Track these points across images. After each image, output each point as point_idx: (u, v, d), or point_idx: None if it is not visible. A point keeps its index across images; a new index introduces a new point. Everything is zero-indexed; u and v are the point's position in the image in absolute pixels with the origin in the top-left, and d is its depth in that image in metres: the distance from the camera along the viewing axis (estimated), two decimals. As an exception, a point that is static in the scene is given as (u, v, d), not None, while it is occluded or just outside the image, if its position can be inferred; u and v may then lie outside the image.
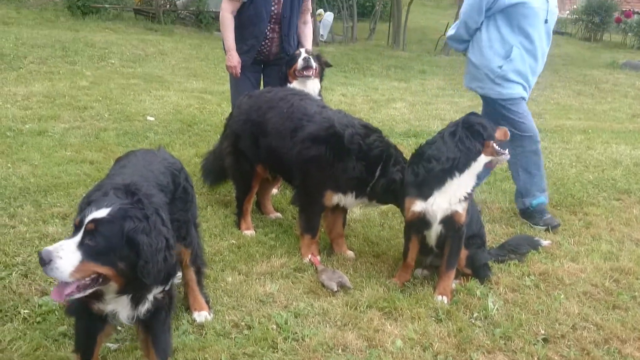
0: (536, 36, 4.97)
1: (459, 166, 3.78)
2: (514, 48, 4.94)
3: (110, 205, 2.35)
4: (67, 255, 2.26)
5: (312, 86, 5.39)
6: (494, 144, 3.87)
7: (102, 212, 2.33)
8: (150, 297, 2.57)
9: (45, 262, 2.24)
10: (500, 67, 4.96)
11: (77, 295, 2.34)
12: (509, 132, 4.06)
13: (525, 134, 5.13)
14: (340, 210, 4.48)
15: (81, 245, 2.28)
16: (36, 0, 17.57)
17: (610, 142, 8.43)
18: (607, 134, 8.96)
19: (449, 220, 3.85)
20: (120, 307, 2.52)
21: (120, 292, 2.45)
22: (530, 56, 5.03)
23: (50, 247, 2.28)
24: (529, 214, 5.25)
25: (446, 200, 3.81)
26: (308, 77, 5.38)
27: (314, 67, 5.39)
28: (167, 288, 2.62)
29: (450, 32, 5.33)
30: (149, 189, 2.69)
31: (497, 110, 5.11)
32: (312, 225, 4.37)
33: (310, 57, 5.39)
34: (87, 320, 2.61)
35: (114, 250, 2.31)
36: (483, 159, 3.87)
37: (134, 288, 2.44)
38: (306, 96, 4.73)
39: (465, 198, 3.85)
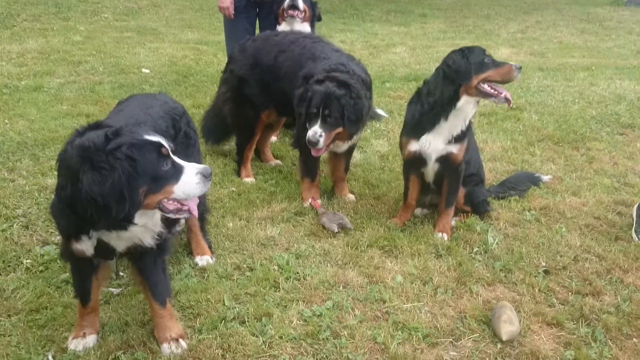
0: None
1: (441, 110, 3.62)
2: None
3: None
4: None
5: (299, 29, 5.24)
6: (482, 85, 3.53)
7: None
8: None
9: None
10: None
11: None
12: (514, 71, 3.53)
13: None
14: (343, 154, 4.43)
15: None
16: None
17: (614, 78, 8.29)
18: (610, 71, 8.81)
19: (445, 160, 3.80)
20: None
21: None
22: None
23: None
24: None
25: (439, 142, 3.72)
26: (293, 17, 5.26)
27: (301, 8, 5.25)
28: None
29: None
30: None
31: None
32: (309, 169, 4.34)
33: None
34: (77, 262, 2.61)
35: None
36: (467, 102, 3.59)
37: None
38: (318, 39, 4.61)
39: (459, 138, 3.74)
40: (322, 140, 3.89)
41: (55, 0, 11.65)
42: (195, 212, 2.49)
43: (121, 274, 3.28)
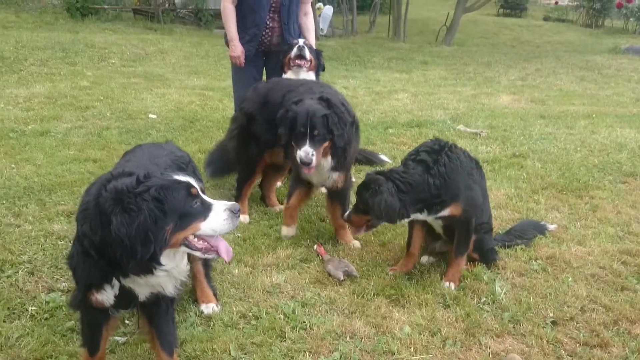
0: None
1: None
2: None
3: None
4: None
5: (304, 78, 5.33)
6: None
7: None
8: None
9: None
10: None
11: None
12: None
13: None
14: (337, 201, 4.46)
15: None
16: (35, 3, 17.60)
17: (615, 126, 8.37)
18: (611, 119, 8.90)
19: (450, 218, 3.79)
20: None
21: None
22: None
23: None
24: None
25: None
26: (300, 67, 5.36)
27: (308, 58, 5.36)
28: None
29: None
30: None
31: None
32: (290, 192, 4.53)
33: (306, 47, 5.36)
34: (91, 313, 2.61)
35: None
36: None
37: None
38: (327, 85, 4.77)
39: None
40: (314, 159, 3.99)
41: (62, 45, 11.87)
42: (223, 253, 2.53)
43: (127, 321, 3.26)
